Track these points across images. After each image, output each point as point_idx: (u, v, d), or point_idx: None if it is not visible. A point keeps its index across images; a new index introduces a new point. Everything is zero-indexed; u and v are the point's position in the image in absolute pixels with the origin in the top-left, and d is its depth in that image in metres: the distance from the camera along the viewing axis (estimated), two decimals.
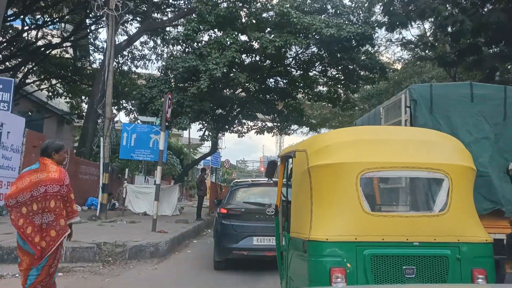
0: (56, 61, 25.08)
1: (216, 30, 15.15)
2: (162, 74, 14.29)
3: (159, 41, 23.97)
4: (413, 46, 22.89)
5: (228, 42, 13.97)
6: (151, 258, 8.32)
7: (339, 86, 18.60)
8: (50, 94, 25.37)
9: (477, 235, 3.21)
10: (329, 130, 35.35)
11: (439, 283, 3.05)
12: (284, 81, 19.12)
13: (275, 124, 20.75)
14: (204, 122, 14.43)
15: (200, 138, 14.93)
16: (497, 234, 4.98)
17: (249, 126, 21.21)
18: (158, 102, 13.86)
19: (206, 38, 15.31)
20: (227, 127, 20.60)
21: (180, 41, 13.33)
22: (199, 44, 13.92)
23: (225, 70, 13.29)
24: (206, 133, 14.73)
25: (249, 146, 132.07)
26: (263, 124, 20.81)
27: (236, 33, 13.93)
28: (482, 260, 3.14)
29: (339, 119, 32.07)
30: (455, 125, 5.73)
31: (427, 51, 22.16)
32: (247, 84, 17.77)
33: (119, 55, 25.78)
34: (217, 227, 7.96)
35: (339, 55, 15.48)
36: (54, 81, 25.89)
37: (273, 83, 19.12)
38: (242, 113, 19.89)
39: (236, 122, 20.66)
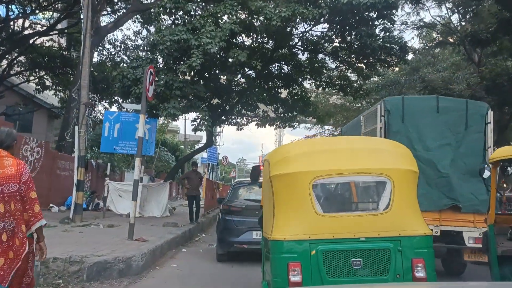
0: (44, 51, 22.99)
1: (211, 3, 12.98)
2: (147, 53, 12.10)
3: (153, 29, 21.91)
4: (431, 29, 20.84)
5: (226, 15, 11.84)
6: (119, 278, 6.19)
7: (351, 71, 16.44)
8: (39, 87, 23.28)
9: (416, 229, 3.62)
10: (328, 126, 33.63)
11: (383, 273, 3.48)
12: (289, 66, 16.95)
13: (278, 114, 18.61)
14: (197, 109, 12.25)
15: (192, 127, 12.70)
16: (456, 227, 6.31)
17: (249, 118, 19.06)
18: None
19: (199, 12, 13.13)
20: (224, 118, 18.46)
21: (168, 10, 11.15)
22: (191, 14, 11.74)
23: (221, 45, 11.15)
24: (200, 122, 12.52)
25: (248, 146, 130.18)
26: (265, 114, 18.67)
27: (235, 3, 11.77)
28: (420, 251, 3.55)
29: (344, 114, 30.04)
30: (423, 132, 6.56)
31: (447, 36, 20.12)
32: (247, 70, 15.71)
33: (112, 46, 23.89)
34: (220, 222, 8.80)
35: (354, 32, 13.31)
36: (42, 73, 23.83)
37: (276, 68, 16.95)
38: (241, 103, 17.76)
39: (234, 112, 18.52)
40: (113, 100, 21.39)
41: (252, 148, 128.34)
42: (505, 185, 6.30)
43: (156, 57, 11.90)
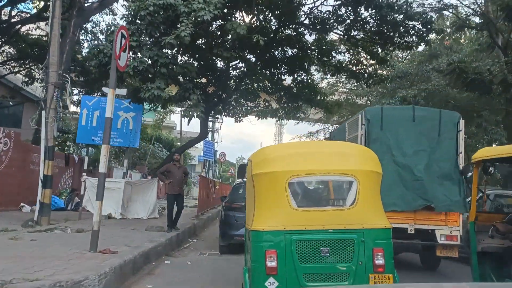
0: (31, 40, 21.01)
1: None
2: (129, 24, 10.13)
3: None
4: (451, 12, 18.89)
5: None
6: None
7: (363, 54, 14.50)
8: (27, 79, 21.32)
9: (378, 223, 4.01)
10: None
11: (348, 260, 3.85)
12: (294, 50, 14.99)
13: (281, 104, 16.66)
14: (187, 92, 10.27)
15: (182, 113, 10.60)
16: (430, 225, 7.07)
17: (248, 108, 17.12)
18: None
19: None
20: (221, 108, 16.52)
21: None
22: None
23: (217, 13, 9.21)
24: (194, 113, 10.45)
25: (247, 145, 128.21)
26: (266, 104, 16.72)
27: None
28: (381, 241, 3.93)
29: (349, 109, 28.16)
30: (400, 139, 7.19)
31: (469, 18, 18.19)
32: (246, 51, 13.76)
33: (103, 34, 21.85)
34: (222, 218, 9.61)
35: (372, 4, 11.36)
36: (31, 64, 21.84)
37: (280, 52, 14.99)
38: (240, 91, 15.82)
39: (232, 102, 16.58)
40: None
41: (251, 147, 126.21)
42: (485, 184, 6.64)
43: (138, 28, 9.93)
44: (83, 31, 19.22)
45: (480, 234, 4.99)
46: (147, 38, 10.25)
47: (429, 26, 12.21)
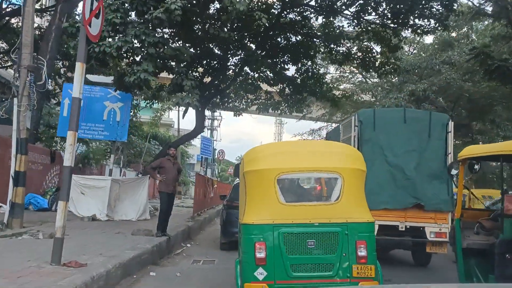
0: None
1: None
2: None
3: None
4: None
5: None
6: None
7: (374, 41, 13.26)
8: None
9: (361, 217, 4.17)
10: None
11: (333, 252, 4.03)
12: (299, 36, 13.74)
13: (284, 97, 15.40)
14: (181, 79, 8.98)
15: (175, 101, 9.24)
16: (420, 223, 7.29)
17: (248, 100, 15.87)
18: (104, 42, 8.52)
19: None
20: (219, 100, 15.27)
21: None
22: None
23: None
24: (187, 100, 9.11)
25: (247, 144, 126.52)
26: (268, 96, 15.46)
27: None
28: (363, 235, 4.09)
29: (352, 105, 26.91)
30: (392, 140, 7.43)
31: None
32: (246, 37, 12.53)
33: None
34: (223, 216, 9.92)
35: None
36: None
37: (283, 39, 13.74)
38: (239, 82, 14.57)
39: (231, 94, 15.34)
40: None
41: (251, 147, 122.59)
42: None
43: (124, 3, 8.66)
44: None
45: (466, 230, 5.09)
46: (133, 15, 9.00)
47: (450, 7, 10.94)
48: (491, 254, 4.66)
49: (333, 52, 13.62)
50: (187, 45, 10.99)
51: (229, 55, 12.87)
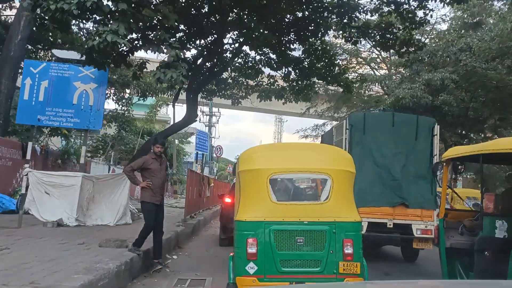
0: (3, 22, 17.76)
1: None
2: None
3: None
4: None
5: None
6: None
7: (396, 15, 11.29)
8: None
9: (349, 217, 4.33)
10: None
11: (321, 249, 4.17)
12: (306, 12, 11.76)
13: (289, 82, 13.45)
14: (162, 43, 7.02)
15: (155, 76, 7.23)
16: (407, 221, 7.73)
17: (249, 87, 13.92)
18: None
19: None
20: (215, 87, 13.32)
21: None
22: None
23: None
24: (170, 74, 7.09)
25: (246, 143, 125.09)
26: (271, 81, 13.52)
27: None
28: (350, 233, 4.26)
29: (360, 99, 25.08)
30: (380, 142, 7.92)
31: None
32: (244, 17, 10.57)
33: None
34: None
35: None
36: None
37: (290, 13, 11.75)
38: (238, 65, 12.62)
39: (228, 79, 13.39)
40: None
41: (251, 146, 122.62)
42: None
43: None
44: None
45: (451, 230, 5.27)
46: None
47: None
48: (473, 253, 4.79)
49: (347, 27, 11.63)
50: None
51: (226, 31, 10.89)
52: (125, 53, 8.54)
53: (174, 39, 8.25)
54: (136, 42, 8.44)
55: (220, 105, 35.39)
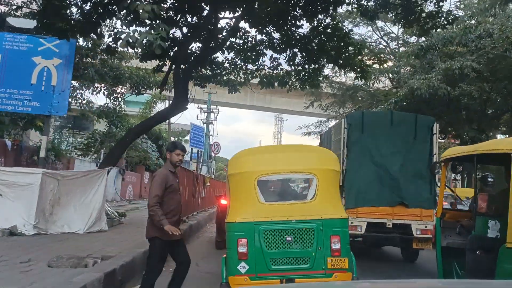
0: None
1: None
2: None
3: None
4: None
5: None
6: None
7: None
8: None
9: (335, 214, 4.42)
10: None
11: (309, 246, 4.25)
12: None
13: (294, 66, 11.74)
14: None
15: (122, 40, 5.52)
16: (406, 220, 7.72)
17: (248, 72, 12.22)
18: None
19: None
20: (208, 71, 11.60)
21: None
22: None
23: None
24: (145, 37, 5.43)
25: (246, 143, 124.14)
26: (275, 64, 11.81)
27: None
28: (337, 230, 4.34)
29: (367, 92, 23.46)
30: (379, 141, 7.80)
31: None
32: None
33: None
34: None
35: None
36: None
37: None
38: (235, 47, 10.91)
39: (225, 63, 11.68)
40: None
41: (250, 146, 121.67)
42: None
43: None
44: None
45: (449, 230, 5.27)
46: None
47: None
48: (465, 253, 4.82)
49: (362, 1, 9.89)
50: None
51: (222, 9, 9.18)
52: (94, 19, 6.80)
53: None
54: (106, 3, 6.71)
55: (218, 102, 33.80)
